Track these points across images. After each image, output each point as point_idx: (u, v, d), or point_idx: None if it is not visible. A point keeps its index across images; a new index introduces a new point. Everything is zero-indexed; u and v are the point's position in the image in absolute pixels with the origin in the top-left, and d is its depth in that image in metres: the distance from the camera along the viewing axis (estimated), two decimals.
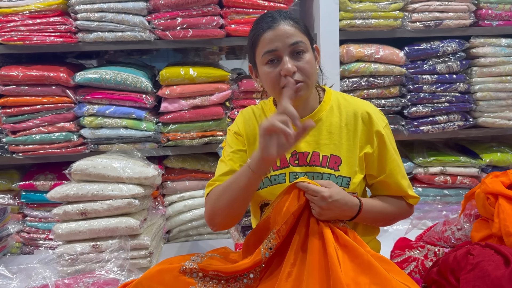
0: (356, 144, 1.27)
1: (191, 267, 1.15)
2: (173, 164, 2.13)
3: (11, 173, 2.13)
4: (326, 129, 1.27)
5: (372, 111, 1.29)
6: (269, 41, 1.16)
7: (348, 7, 2.05)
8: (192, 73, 1.99)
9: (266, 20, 1.18)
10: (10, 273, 1.64)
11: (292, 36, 1.16)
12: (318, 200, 1.13)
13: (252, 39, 1.21)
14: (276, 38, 1.15)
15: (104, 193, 1.68)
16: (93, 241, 1.68)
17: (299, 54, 1.17)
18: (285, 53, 1.16)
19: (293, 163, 1.27)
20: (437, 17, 2.11)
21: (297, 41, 1.16)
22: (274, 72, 1.17)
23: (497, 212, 1.43)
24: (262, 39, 1.17)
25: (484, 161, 2.21)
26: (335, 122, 1.28)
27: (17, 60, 2.06)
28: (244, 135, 1.34)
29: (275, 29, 1.16)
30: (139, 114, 1.99)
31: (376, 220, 1.32)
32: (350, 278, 1.02)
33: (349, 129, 1.27)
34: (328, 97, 1.31)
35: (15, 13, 1.90)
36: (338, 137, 1.27)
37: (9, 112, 1.95)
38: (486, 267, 1.16)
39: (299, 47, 1.16)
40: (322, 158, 1.26)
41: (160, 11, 1.95)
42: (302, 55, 1.17)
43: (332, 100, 1.31)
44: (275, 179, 1.28)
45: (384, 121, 1.31)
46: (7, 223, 1.96)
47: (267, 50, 1.17)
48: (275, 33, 1.16)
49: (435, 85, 2.15)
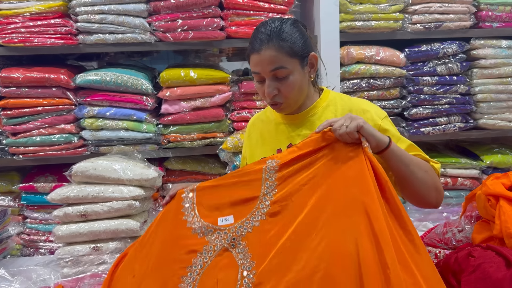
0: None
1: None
2: (173, 166, 2.12)
3: (11, 175, 2.13)
4: (320, 123, 1.28)
5: (368, 106, 1.31)
6: (254, 64, 1.23)
7: (349, 9, 2.05)
8: (193, 74, 1.99)
9: (257, 41, 1.22)
10: (10, 276, 1.63)
11: (274, 63, 1.20)
12: (342, 121, 1.08)
13: (247, 52, 1.28)
14: (260, 63, 1.21)
15: (104, 195, 1.67)
16: (93, 243, 1.67)
17: (281, 78, 1.22)
18: (268, 76, 1.22)
19: None
20: (438, 19, 2.11)
21: (277, 67, 1.20)
22: (261, 89, 1.26)
23: (498, 213, 1.43)
24: (251, 59, 1.25)
25: (485, 162, 2.20)
26: (329, 117, 1.30)
27: (18, 62, 2.06)
28: (248, 139, 1.44)
29: (260, 53, 1.21)
30: (140, 116, 1.99)
31: (410, 169, 1.19)
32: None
33: None
34: (325, 96, 1.35)
35: (15, 15, 1.90)
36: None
37: (9, 114, 1.95)
38: (487, 269, 1.16)
39: (280, 73, 1.21)
40: None
41: (160, 13, 1.96)
42: (283, 79, 1.22)
43: (329, 98, 1.35)
44: None
45: (382, 113, 1.31)
46: (8, 225, 1.95)
47: (253, 71, 1.25)
48: (259, 58, 1.21)
49: (435, 87, 2.15)
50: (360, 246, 0.97)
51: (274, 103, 1.25)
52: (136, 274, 1.17)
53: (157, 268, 1.14)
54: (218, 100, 2.03)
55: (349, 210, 1.02)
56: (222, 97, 2.03)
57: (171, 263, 1.13)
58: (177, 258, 1.13)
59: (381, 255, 0.95)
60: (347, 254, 0.97)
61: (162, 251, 1.16)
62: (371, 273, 0.94)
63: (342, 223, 1.01)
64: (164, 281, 1.11)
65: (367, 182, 1.03)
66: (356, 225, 0.99)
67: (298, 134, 1.31)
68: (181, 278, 1.09)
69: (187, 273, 1.10)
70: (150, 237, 1.22)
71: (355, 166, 1.06)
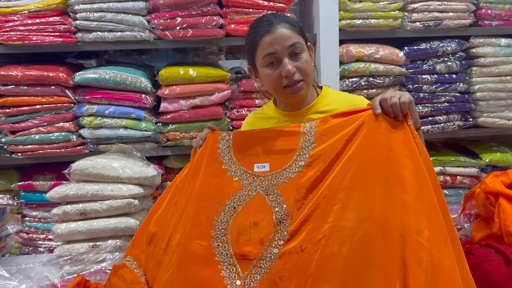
0: None
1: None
2: (172, 164, 2.12)
3: (10, 173, 2.13)
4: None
5: (367, 103, 1.31)
6: (268, 45, 1.22)
7: (348, 7, 2.04)
8: (192, 73, 1.98)
9: (263, 25, 1.24)
10: (9, 274, 1.63)
11: (290, 38, 1.22)
12: (392, 93, 1.10)
13: (251, 43, 1.27)
14: (275, 42, 1.21)
15: (103, 193, 1.67)
16: (92, 241, 1.67)
17: (297, 55, 1.23)
18: (284, 55, 1.22)
19: None
20: (437, 17, 2.11)
21: (295, 43, 1.22)
22: (275, 74, 1.24)
23: (498, 211, 1.43)
24: (261, 42, 1.23)
25: (484, 161, 2.21)
26: (330, 113, 1.31)
27: (16, 60, 2.05)
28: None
29: (273, 33, 1.22)
30: (139, 114, 1.99)
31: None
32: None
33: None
34: (325, 93, 1.38)
35: (14, 12, 1.89)
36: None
37: (8, 112, 1.95)
38: (486, 267, 1.16)
39: (297, 48, 1.23)
40: None
41: (159, 11, 1.95)
42: (300, 55, 1.24)
43: (329, 95, 1.37)
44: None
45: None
46: (6, 224, 1.95)
47: (267, 53, 1.23)
48: (273, 37, 1.21)
49: (434, 85, 2.15)
50: (406, 221, 0.98)
51: (293, 82, 1.23)
52: (178, 202, 1.22)
53: (196, 201, 1.17)
54: (217, 98, 2.02)
55: (393, 180, 1.03)
56: (221, 95, 2.03)
57: (207, 200, 1.16)
58: (213, 196, 1.16)
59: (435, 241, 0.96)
60: (391, 223, 0.98)
61: (201, 188, 1.19)
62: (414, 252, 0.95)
63: (387, 191, 1.02)
64: (202, 214, 1.14)
65: (416, 157, 1.05)
66: (402, 198, 1.01)
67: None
68: (215, 216, 1.13)
69: (221, 213, 1.13)
70: (191, 174, 1.24)
71: (400, 139, 1.07)
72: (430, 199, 1.02)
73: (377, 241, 0.97)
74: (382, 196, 1.01)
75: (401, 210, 0.99)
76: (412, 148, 1.06)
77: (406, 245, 0.96)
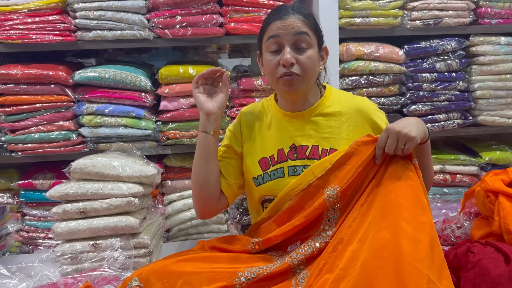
0: (356, 138, 1.27)
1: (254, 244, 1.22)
2: (172, 162, 2.12)
3: (10, 172, 2.13)
4: (326, 123, 1.29)
5: (371, 110, 1.31)
6: (275, 29, 1.21)
7: (348, 6, 2.04)
8: (192, 71, 1.98)
9: (278, 11, 1.23)
10: (9, 273, 1.63)
11: (298, 27, 1.19)
12: (392, 138, 1.11)
13: (262, 26, 1.27)
14: (282, 27, 1.20)
15: (103, 192, 1.67)
16: (92, 240, 1.67)
17: (302, 48, 1.21)
18: (288, 43, 1.20)
19: (292, 157, 1.29)
20: (437, 16, 2.11)
21: (302, 32, 1.19)
22: (274, 60, 1.22)
23: (497, 210, 1.43)
24: (270, 26, 1.22)
25: (484, 159, 2.21)
26: (334, 117, 1.30)
27: (16, 59, 2.05)
28: (242, 131, 1.38)
29: (283, 19, 1.20)
30: (139, 112, 1.99)
31: (430, 162, 1.30)
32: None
33: (349, 123, 1.29)
34: (328, 93, 1.34)
35: (13, 11, 1.89)
36: (338, 131, 1.28)
37: (8, 111, 1.95)
38: (486, 265, 1.16)
39: (303, 40, 1.20)
40: (322, 151, 1.27)
41: (159, 10, 1.95)
42: (305, 50, 1.21)
43: (333, 96, 1.33)
44: (274, 173, 1.30)
45: (383, 120, 1.33)
46: (6, 222, 1.95)
47: (271, 35, 1.21)
48: (282, 23, 1.20)
49: (434, 84, 2.15)
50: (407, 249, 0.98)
51: (289, 73, 1.20)
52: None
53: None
54: None
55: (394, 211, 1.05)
56: None
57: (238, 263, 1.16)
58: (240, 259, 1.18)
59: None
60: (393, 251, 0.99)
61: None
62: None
63: (389, 223, 1.03)
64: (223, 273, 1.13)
65: (421, 197, 1.07)
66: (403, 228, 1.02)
67: (303, 134, 1.29)
68: (238, 273, 1.11)
69: (245, 271, 1.12)
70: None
71: (409, 180, 1.10)
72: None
73: (378, 273, 0.97)
74: (386, 229, 1.03)
75: (403, 239, 1.00)
76: (415, 183, 1.09)
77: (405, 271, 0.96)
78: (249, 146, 1.36)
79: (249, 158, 1.36)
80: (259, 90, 2.07)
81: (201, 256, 1.17)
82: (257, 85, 2.06)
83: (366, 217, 1.08)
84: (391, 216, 1.03)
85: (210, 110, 1.27)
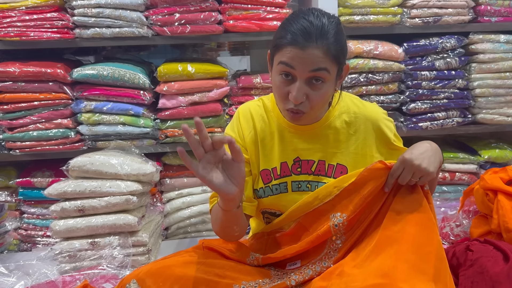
0: (365, 153, 1.22)
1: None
2: (171, 161, 2.12)
3: (8, 170, 2.12)
4: (333, 137, 1.22)
5: (380, 115, 1.25)
6: (291, 57, 1.04)
7: (347, 3, 2.04)
8: (190, 69, 1.98)
9: (299, 34, 1.04)
10: (7, 271, 1.63)
11: (317, 63, 1.04)
12: (408, 171, 1.06)
13: (279, 38, 1.08)
14: (299, 60, 1.04)
15: (102, 190, 1.67)
16: (91, 238, 1.67)
17: (316, 83, 1.07)
18: (302, 77, 1.06)
19: (296, 171, 1.22)
20: (436, 13, 2.11)
21: (320, 68, 1.05)
22: (283, 89, 1.09)
23: (496, 208, 1.43)
24: (286, 49, 1.05)
25: (483, 157, 2.21)
26: (343, 129, 1.22)
27: (14, 56, 2.04)
28: (243, 135, 1.27)
29: (302, 50, 1.03)
30: (137, 110, 1.98)
31: (437, 177, 1.23)
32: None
33: (357, 137, 1.22)
34: (335, 101, 1.23)
35: (11, 8, 1.88)
36: (346, 145, 1.22)
37: (6, 108, 1.94)
38: (485, 263, 1.16)
39: (319, 76, 1.06)
40: (328, 167, 1.21)
41: (157, 7, 1.94)
42: (319, 84, 1.07)
43: (341, 105, 1.23)
44: (276, 188, 1.23)
45: (393, 127, 1.28)
46: (5, 220, 1.95)
47: (284, 61, 1.06)
48: (301, 54, 1.03)
49: (434, 82, 2.15)
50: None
51: (295, 111, 1.09)
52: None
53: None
54: (216, 95, 2.02)
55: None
56: (220, 92, 2.02)
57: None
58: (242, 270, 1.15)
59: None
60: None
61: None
62: None
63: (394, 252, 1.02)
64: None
65: (429, 226, 1.04)
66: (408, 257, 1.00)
67: (308, 148, 1.21)
68: (233, 286, 1.10)
69: (241, 285, 1.10)
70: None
71: (418, 208, 1.07)
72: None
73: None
74: (391, 257, 1.01)
75: (407, 268, 0.98)
76: (424, 211, 1.06)
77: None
78: (251, 154, 1.25)
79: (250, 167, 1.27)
80: (258, 88, 2.07)
81: (200, 261, 1.14)
82: (256, 83, 2.05)
83: (370, 244, 1.06)
84: (396, 245, 1.01)
85: (232, 195, 1.01)
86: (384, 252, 1.01)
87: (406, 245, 1.00)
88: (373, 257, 1.02)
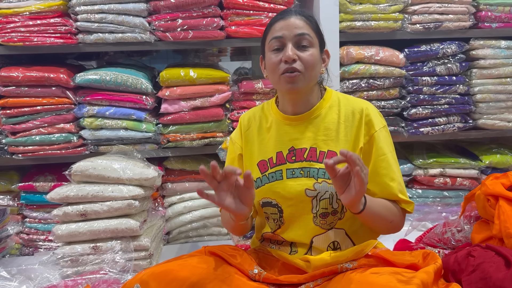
0: (353, 140, 1.28)
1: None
2: (173, 165, 2.12)
3: (10, 174, 2.13)
4: (324, 125, 1.29)
5: (371, 110, 1.30)
6: (278, 29, 1.24)
7: (348, 9, 2.05)
8: (192, 74, 1.99)
9: (280, 13, 1.29)
10: (9, 275, 1.63)
11: (300, 28, 1.23)
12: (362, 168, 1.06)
13: (265, 29, 1.31)
14: (285, 27, 1.24)
15: (104, 194, 1.67)
16: (93, 242, 1.67)
17: (304, 47, 1.24)
18: (290, 42, 1.23)
19: (290, 160, 1.29)
20: (437, 19, 2.12)
21: (303, 33, 1.23)
22: (276, 58, 1.24)
23: (498, 213, 1.43)
24: (272, 27, 1.26)
25: (484, 162, 2.21)
26: (333, 118, 1.29)
27: (17, 61, 2.05)
28: (242, 138, 1.39)
29: (285, 20, 1.24)
30: (139, 115, 1.99)
31: (376, 219, 1.24)
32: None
33: (347, 125, 1.28)
34: (328, 95, 1.34)
35: (15, 14, 1.90)
36: (336, 133, 1.28)
37: (9, 113, 1.95)
38: (487, 269, 1.16)
39: (305, 40, 1.23)
40: (319, 153, 1.27)
41: (160, 13, 1.95)
42: (307, 48, 1.24)
43: (333, 98, 1.34)
44: (272, 176, 1.30)
45: (381, 122, 1.30)
46: (7, 224, 1.95)
47: (274, 36, 1.25)
48: (285, 23, 1.24)
49: (434, 87, 2.15)
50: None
51: (291, 70, 1.22)
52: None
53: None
54: (217, 100, 2.03)
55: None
56: (221, 97, 2.03)
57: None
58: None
59: None
60: None
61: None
62: None
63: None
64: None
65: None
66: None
67: (302, 137, 1.29)
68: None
69: None
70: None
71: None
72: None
73: None
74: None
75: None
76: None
77: None
78: (249, 149, 1.37)
79: (248, 161, 1.36)
80: (260, 93, 2.08)
81: (203, 266, 1.16)
82: (258, 88, 2.06)
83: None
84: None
85: (245, 214, 1.19)
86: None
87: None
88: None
